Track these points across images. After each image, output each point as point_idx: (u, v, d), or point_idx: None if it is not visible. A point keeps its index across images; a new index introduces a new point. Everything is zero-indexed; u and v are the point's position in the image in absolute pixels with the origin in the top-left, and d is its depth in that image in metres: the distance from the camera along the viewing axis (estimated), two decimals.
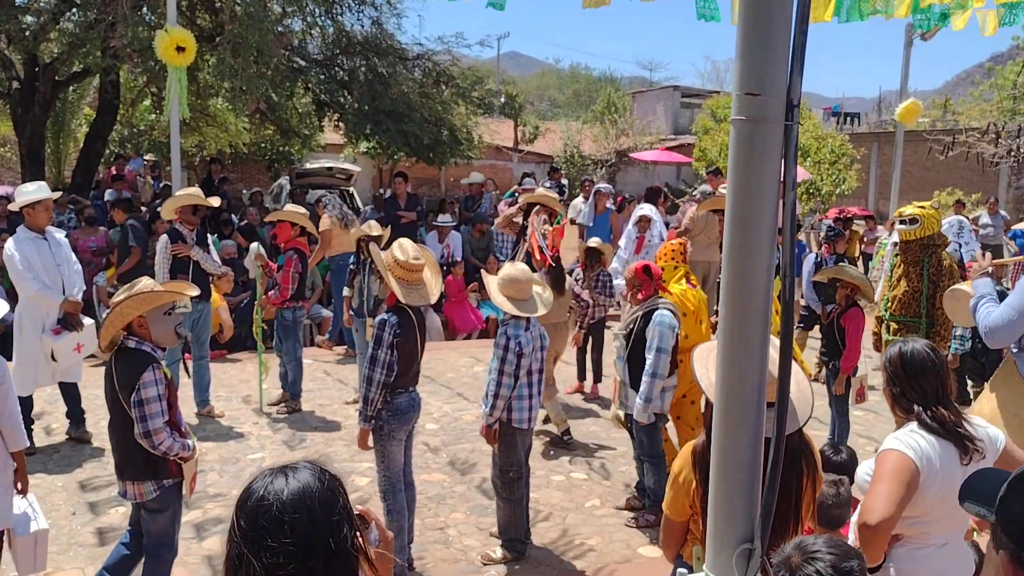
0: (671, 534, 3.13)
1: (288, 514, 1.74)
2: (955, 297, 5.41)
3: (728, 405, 2.07)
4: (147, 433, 3.94)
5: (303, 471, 1.82)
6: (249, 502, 1.77)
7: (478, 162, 20.98)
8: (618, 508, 5.88)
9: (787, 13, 1.95)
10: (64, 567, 4.94)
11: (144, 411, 3.92)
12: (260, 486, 1.78)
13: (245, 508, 1.76)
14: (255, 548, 1.72)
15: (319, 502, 1.78)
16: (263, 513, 1.74)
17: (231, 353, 9.87)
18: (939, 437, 2.92)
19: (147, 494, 4.07)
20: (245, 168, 21.89)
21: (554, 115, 45.51)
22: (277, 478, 1.79)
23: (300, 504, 1.75)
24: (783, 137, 1.96)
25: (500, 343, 4.96)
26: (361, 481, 6.19)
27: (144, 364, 3.96)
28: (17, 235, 6.52)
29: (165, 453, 4.01)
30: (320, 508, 1.77)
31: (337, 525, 1.79)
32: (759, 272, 1.99)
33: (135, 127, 19.14)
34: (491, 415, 4.95)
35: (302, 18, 14.23)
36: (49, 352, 6.50)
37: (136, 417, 3.93)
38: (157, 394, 3.97)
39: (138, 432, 3.94)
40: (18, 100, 13.69)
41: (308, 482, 1.79)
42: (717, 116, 25.18)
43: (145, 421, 3.93)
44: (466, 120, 17.32)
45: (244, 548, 1.73)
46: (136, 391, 3.91)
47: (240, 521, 1.76)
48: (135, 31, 10.64)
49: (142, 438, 3.95)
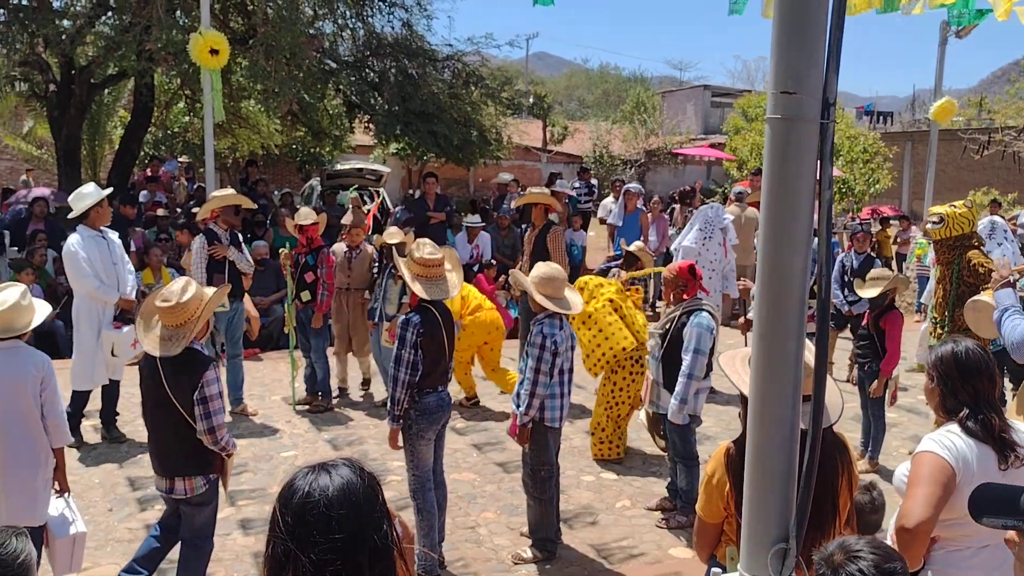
0: (704, 536, 3.11)
1: (335, 510, 1.76)
2: (976, 308, 5.30)
3: (763, 403, 2.06)
4: (211, 429, 4.07)
5: (343, 468, 1.84)
6: (295, 499, 1.78)
7: (507, 162, 21.04)
8: (649, 509, 5.87)
9: (823, 9, 1.94)
10: (101, 562, 5.02)
11: (209, 408, 4.05)
12: (304, 483, 1.80)
13: (291, 505, 1.78)
14: (303, 544, 1.74)
15: (363, 498, 1.80)
16: (310, 509, 1.76)
17: (263, 352, 9.96)
18: (978, 441, 2.88)
19: (197, 489, 4.16)
20: (276, 169, 22.12)
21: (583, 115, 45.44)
22: (321, 475, 1.81)
23: (346, 500, 1.77)
24: (819, 136, 1.96)
25: (536, 341, 4.95)
26: (393, 479, 6.23)
27: (204, 363, 4.10)
28: (79, 233, 6.68)
29: (223, 448, 4.14)
30: (364, 504, 1.80)
31: (378, 521, 1.81)
32: (794, 271, 1.99)
33: (169, 129, 19.39)
34: (526, 414, 4.94)
35: (333, 20, 14.33)
36: (110, 347, 6.68)
37: (200, 414, 4.04)
38: (218, 391, 4.10)
39: (202, 429, 4.05)
40: (55, 103, 13.92)
41: (351, 479, 1.81)
42: (748, 115, 25.02)
43: (210, 418, 4.06)
44: (495, 121, 17.35)
45: (291, 545, 1.75)
46: (199, 389, 4.03)
47: (286, 518, 1.77)
48: (169, 34, 10.78)
49: (206, 434, 4.06)
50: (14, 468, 4.18)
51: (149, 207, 13.51)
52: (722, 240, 9.84)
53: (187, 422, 4.08)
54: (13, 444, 4.18)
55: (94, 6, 12.30)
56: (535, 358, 4.91)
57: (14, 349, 4.21)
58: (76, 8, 12.35)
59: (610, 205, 13.07)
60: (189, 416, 4.07)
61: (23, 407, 4.18)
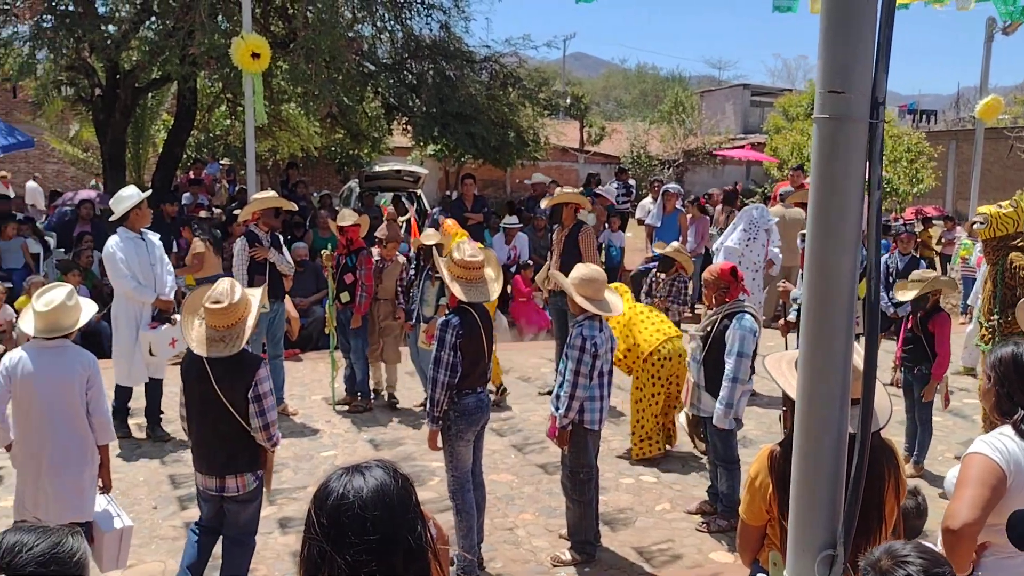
0: (747, 539, 3.09)
1: (369, 512, 1.77)
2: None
3: (810, 406, 2.03)
4: (266, 426, 4.13)
5: (377, 469, 1.85)
6: (329, 501, 1.79)
7: (543, 163, 21.01)
8: (689, 512, 5.82)
9: (872, 5, 1.91)
10: (146, 559, 5.10)
11: (263, 405, 4.11)
12: (338, 485, 1.81)
13: (325, 507, 1.79)
14: (338, 546, 1.75)
15: (397, 499, 1.81)
16: (345, 511, 1.77)
17: (303, 352, 10.05)
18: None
19: (249, 485, 4.22)
20: (315, 171, 22.31)
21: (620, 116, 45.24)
22: (355, 477, 1.82)
23: (380, 502, 1.79)
24: (868, 135, 1.93)
25: (575, 343, 4.93)
26: (432, 480, 6.25)
27: (255, 362, 4.17)
28: (119, 234, 6.86)
29: (275, 444, 4.20)
30: (398, 505, 1.81)
31: (412, 522, 1.83)
32: (843, 272, 1.96)
33: (211, 132, 19.65)
34: (566, 416, 4.92)
35: (372, 23, 14.42)
36: (147, 347, 6.83)
37: (255, 412, 4.10)
38: (270, 388, 4.16)
39: (258, 426, 4.11)
40: (100, 107, 14.16)
41: (385, 480, 1.82)
42: (789, 115, 24.74)
43: (264, 415, 4.12)
44: (532, 122, 17.34)
45: (327, 546, 1.76)
46: (253, 387, 4.09)
47: (321, 519, 1.78)
48: (212, 38, 10.92)
49: (260, 431, 4.12)
50: (62, 466, 4.26)
51: (192, 209, 13.71)
52: (766, 241, 9.75)
53: (237, 421, 4.12)
54: (60, 442, 4.26)
55: (138, 11, 12.50)
56: (575, 360, 4.89)
57: (61, 348, 4.29)
58: (121, 14, 12.54)
59: (648, 206, 13.00)
60: (241, 415, 4.11)
61: (69, 406, 4.26)
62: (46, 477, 4.26)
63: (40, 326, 4.24)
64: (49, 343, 4.26)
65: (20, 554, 1.91)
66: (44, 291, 4.32)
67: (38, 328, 4.24)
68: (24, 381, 4.22)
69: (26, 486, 4.34)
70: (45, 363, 4.24)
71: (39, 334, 4.24)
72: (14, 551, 1.91)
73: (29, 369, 4.22)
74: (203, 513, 4.44)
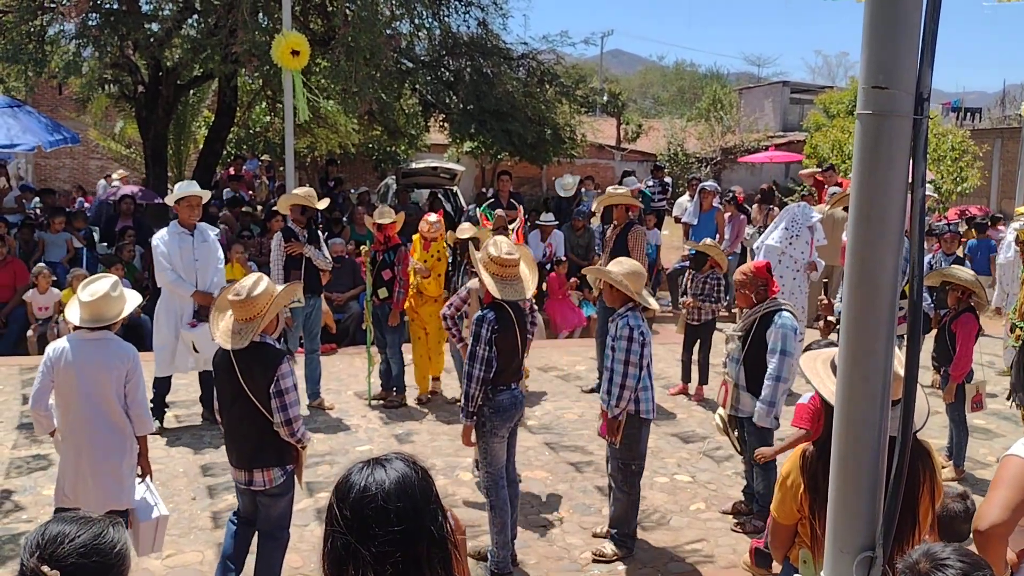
0: (779, 537, 3.09)
1: (392, 503, 1.79)
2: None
3: (850, 407, 2.01)
4: (288, 421, 4.15)
5: (397, 462, 1.87)
6: (352, 494, 1.81)
7: (580, 161, 20.96)
8: (724, 512, 5.78)
9: (918, 1, 1.88)
10: (184, 550, 5.18)
11: (285, 400, 4.13)
12: (360, 477, 1.83)
13: (348, 499, 1.81)
14: (362, 537, 1.77)
15: (419, 491, 1.83)
16: (368, 503, 1.79)
17: (340, 347, 10.13)
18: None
19: (275, 480, 4.24)
20: (353, 168, 22.46)
21: (657, 113, 44.95)
22: (376, 469, 1.84)
23: (403, 493, 1.81)
24: (912, 132, 1.90)
25: (623, 334, 4.93)
26: (465, 476, 6.27)
27: (278, 357, 4.18)
28: (168, 229, 7.08)
29: (300, 440, 4.21)
30: (420, 496, 1.83)
31: (434, 513, 1.85)
32: (885, 271, 1.93)
33: (251, 129, 19.86)
34: (619, 406, 4.92)
35: (410, 20, 14.47)
36: (190, 344, 6.96)
37: (277, 406, 4.12)
38: (293, 384, 4.18)
39: (279, 420, 4.13)
40: (143, 104, 14.38)
41: (406, 472, 1.85)
42: (830, 112, 24.41)
43: (286, 409, 4.14)
44: (569, 119, 17.30)
45: (351, 538, 1.78)
46: (275, 382, 4.11)
47: (344, 512, 1.80)
48: (253, 36, 11.03)
49: (283, 426, 4.14)
50: (101, 456, 4.33)
51: (232, 205, 13.89)
52: (810, 239, 9.66)
53: (263, 415, 4.16)
54: (99, 432, 4.33)
55: (181, 10, 12.66)
56: (623, 350, 4.90)
57: (103, 341, 4.36)
58: (164, 12, 12.72)
59: (686, 203, 12.92)
60: (265, 409, 4.15)
61: (108, 397, 4.32)
62: (86, 466, 4.33)
63: (84, 316, 4.31)
64: (92, 334, 4.33)
65: (62, 545, 1.94)
66: (89, 282, 4.40)
67: (83, 318, 4.32)
68: (66, 371, 4.29)
69: (66, 473, 4.41)
70: (87, 354, 4.31)
71: (83, 324, 4.31)
72: (56, 541, 1.94)
73: (70, 359, 4.29)
74: (240, 505, 4.50)
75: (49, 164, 23.56)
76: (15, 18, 11.79)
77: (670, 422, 7.60)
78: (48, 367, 4.33)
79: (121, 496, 4.38)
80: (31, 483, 6.05)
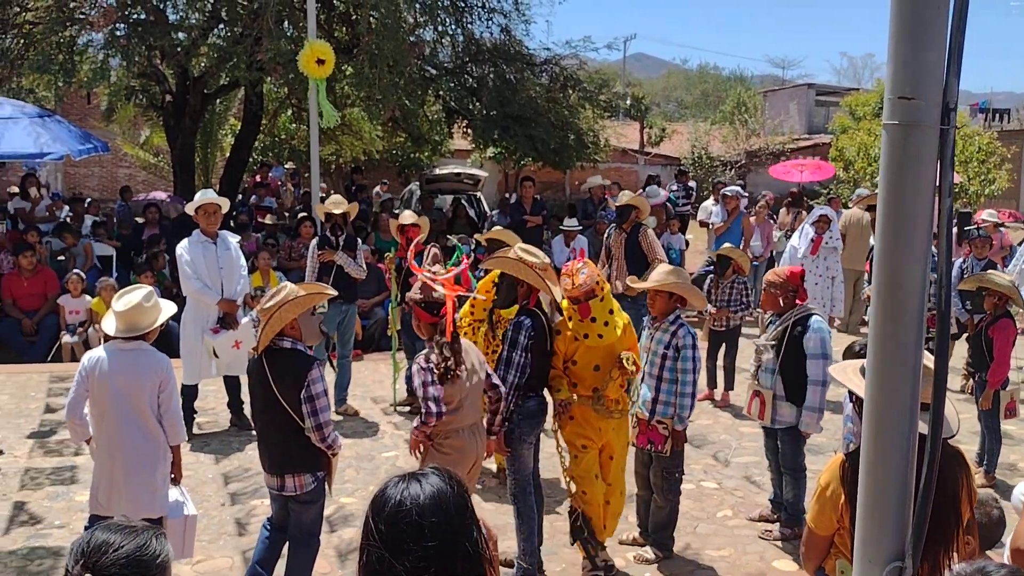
0: (814, 548, 3.05)
1: (427, 518, 1.79)
2: None
3: (878, 413, 2.00)
4: (319, 426, 4.17)
5: (433, 476, 1.86)
6: (387, 508, 1.81)
7: (603, 165, 20.92)
8: (751, 520, 5.75)
9: (943, 11, 1.88)
10: (214, 555, 5.23)
11: (315, 406, 4.16)
12: (395, 492, 1.83)
13: (383, 514, 1.81)
14: (397, 553, 1.77)
15: (453, 506, 1.83)
16: (403, 518, 1.79)
17: (365, 353, 10.18)
18: None
19: (306, 486, 4.27)
20: (377, 175, 22.60)
21: (681, 116, 44.82)
22: (411, 484, 1.84)
23: (437, 508, 1.80)
24: (939, 142, 1.89)
25: (688, 342, 4.91)
26: (491, 483, 6.28)
27: (308, 363, 4.21)
28: (190, 238, 7.12)
29: (330, 445, 4.24)
30: (455, 512, 1.82)
31: (469, 528, 1.84)
32: (913, 279, 1.92)
33: (276, 136, 20.03)
34: (688, 417, 4.96)
35: (434, 28, 14.53)
36: (211, 350, 7.04)
37: (307, 412, 4.16)
38: (323, 389, 4.21)
39: (310, 426, 4.16)
40: (171, 112, 14.55)
41: (441, 487, 1.84)
42: (856, 114, 24.20)
43: (317, 415, 4.17)
44: (592, 124, 17.29)
45: (385, 553, 1.78)
46: (306, 388, 4.14)
47: (379, 526, 1.80)
48: (278, 44, 11.14)
49: (313, 431, 4.17)
50: (134, 465, 4.37)
51: (258, 212, 14.01)
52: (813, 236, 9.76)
53: (295, 420, 4.19)
54: (133, 441, 4.37)
55: (207, 19, 12.81)
56: (692, 359, 4.89)
57: (136, 352, 4.41)
58: (191, 21, 12.88)
59: (710, 207, 12.85)
60: (296, 414, 4.19)
61: (141, 407, 4.37)
62: (119, 474, 4.38)
63: (120, 326, 4.38)
64: (127, 344, 4.39)
65: (106, 554, 1.96)
66: (124, 292, 4.48)
67: (117, 328, 4.38)
68: (100, 381, 4.35)
69: (100, 481, 4.46)
70: (121, 364, 4.36)
71: (118, 334, 4.38)
72: (100, 550, 1.97)
73: (105, 369, 4.34)
74: (272, 511, 4.54)
75: (78, 172, 23.89)
76: (45, 29, 11.98)
77: (696, 428, 7.57)
78: (83, 376, 4.39)
79: (154, 504, 4.43)
80: (63, 489, 6.13)
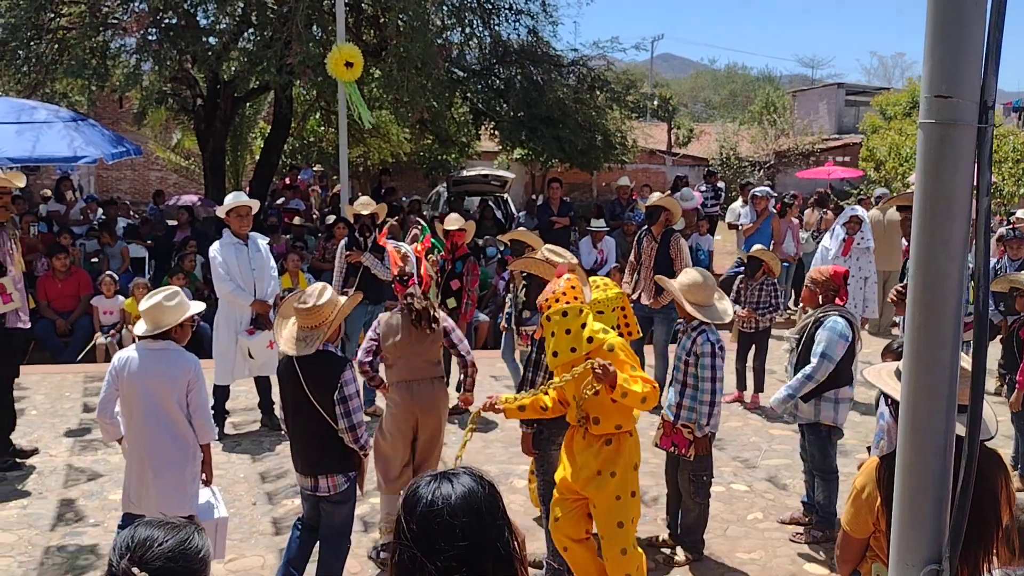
0: (849, 551, 3.03)
1: (459, 519, 1.79)
2: None
3: (914, 415, 1.98)
4: (352, 427, 4.21)
5: (464, 476, 1.87)
6: (419, 507, 1.82)
7: (631, 166, 20.87)
8: (782, 522, 5.70)
9: (981, 8, 1.85)
10: (246, 554, 5.27)
11: (349, 407, 4.21)
12: (427, 492, 1.84)
13: (415, 513, 1.82)
14: (428, 552, 1.78)
15: (485, 506, 1.83)
16: (434, 518, 1.80)
17: None
18: None
19: (339, 486, 4.31)
20: (404, 177, 22.69)
21: (709, 117, 44.60)
22: (443, 484, 1.85)
23: (469, 508, 1.81)
24: (976, 140, 1.87)
25: (706, 350, 4.88)
26: (519, 483, 6.28)
27: (341, 364, 4.25)
28: (222, 240, 7.21)
29: (363, 446, 4.27)
30: (487, 512, 1.83)
31: (500, 529, 1.84)
32: (950, 281, 1.90)
33: (305, 139, 20.17)
34: (709, 424, 4.94)
35: (461, 30, 14.59)
36: (246, 351, 7.13)
37: (341, 413, 4.19)
38: (356, 390, 4.25)
39: (343, 427, 4.20)
40: (202, 116, 14.72)
41: (473, 487, 1.85)
42: (887, 114, 23.95)
43: (350, 416, 4.21)
44: (619, 124, 17.26)
45: (417, 552, 1.79)
46: (339, 389, 4.18)
47: (411, 525, 1.81)
48: (307, 48, 11.23)
49: (347, 432, 4.21)
50: (163, 463, 4.41)
51: (286, 214, 14.12)
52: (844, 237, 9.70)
53: (327, 421, 4.23)
54: (162, 440, 4.41)
55: (238, 23, 12.94)
56: (710, 367, 4.87)
57: (166, 351, 4.45)
58: (221, 26, 13.02)
59: (738, 208, 12.78)
60: (329, 415, 4.22)
61: (170, 406, 4.40)
62: (149, 473, 4.42)
63: (146, 325, 4.44)
64: (155, 344, 4.43)
65: (151, 548, 2.02)
66: (152, 293, 4.54)
67: (145, 327, 4.44)
68: (130, 380, 4.40)
69: (131, 480, 4.51)
70: (150, 364, 4.40)
71: (146, 333, 4.44)
72: (145, 545, 2.02)
73: (134, 369, 4.39)
74: (304, 511, 4.58)
75: (111, 176, 24.20)
76: (78, 34, 12.18)
77: (725, 430, 7.52)
78: (113, 376, 4.45)
79: (183, 503, 4.46)
80: (97, 488, 6.22)
